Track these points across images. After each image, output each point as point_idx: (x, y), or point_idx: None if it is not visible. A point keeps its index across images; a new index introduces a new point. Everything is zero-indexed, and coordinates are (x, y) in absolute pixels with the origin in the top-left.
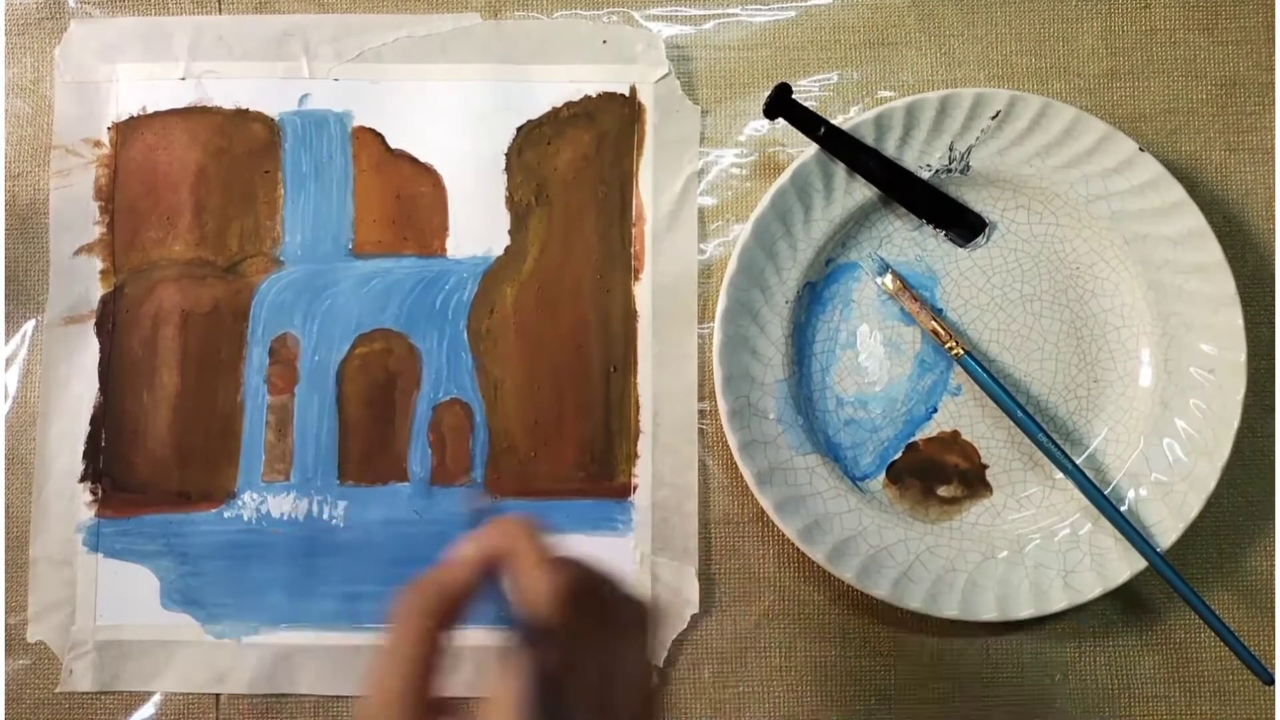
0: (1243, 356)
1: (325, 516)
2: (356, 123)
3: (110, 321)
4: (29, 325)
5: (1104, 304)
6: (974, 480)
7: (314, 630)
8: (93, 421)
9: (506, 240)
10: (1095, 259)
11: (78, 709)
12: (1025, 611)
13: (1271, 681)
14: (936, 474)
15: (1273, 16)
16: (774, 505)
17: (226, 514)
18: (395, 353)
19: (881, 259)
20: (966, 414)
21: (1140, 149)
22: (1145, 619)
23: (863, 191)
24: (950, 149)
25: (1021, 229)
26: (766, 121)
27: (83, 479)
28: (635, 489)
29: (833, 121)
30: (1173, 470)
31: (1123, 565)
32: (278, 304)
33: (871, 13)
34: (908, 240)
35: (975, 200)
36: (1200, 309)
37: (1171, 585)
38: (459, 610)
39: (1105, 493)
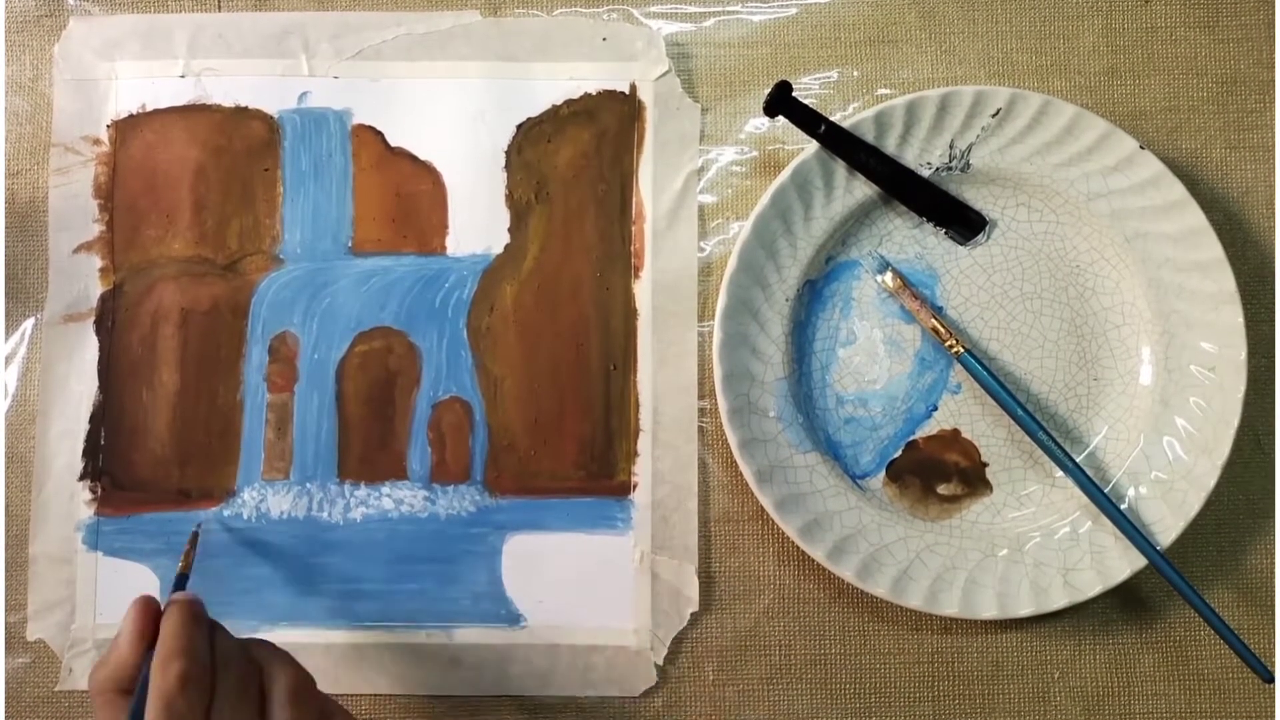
0: (1243, 354)
1: (325, 515)
2: (356, 120)
3: (110, 319)
4: (28, 323)
5: (1104, 302)
6: (974, 478)
7: (314, 628)
8: (92, 420)
9: (506, 238)
10: (1095, 257)
11: (77, 707)
12: (1025, 610)
13: (1271, 679)
14: (936, 472)
15: (1273, 14)
16: (774, 503)
17: (226, 512)
18: (395, 351)
19: (882, 257)
20: (966, 412)
21: (1141, 147)
22: (1145, 617)
23: (863, 189)
24: (951, 147)
25: (1022, 227)
26: (767, 119)
27: (82, 477)
28: (635, 487)
29: (833, 119)
30: (1173, 468)
31: (1123, 563)
32: (277, 302)
33: (872, 10)
34: (908, 238)
35: (975, 198)
36: (1200, 307)
37: (1171, 583)
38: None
39: (1105, 491)
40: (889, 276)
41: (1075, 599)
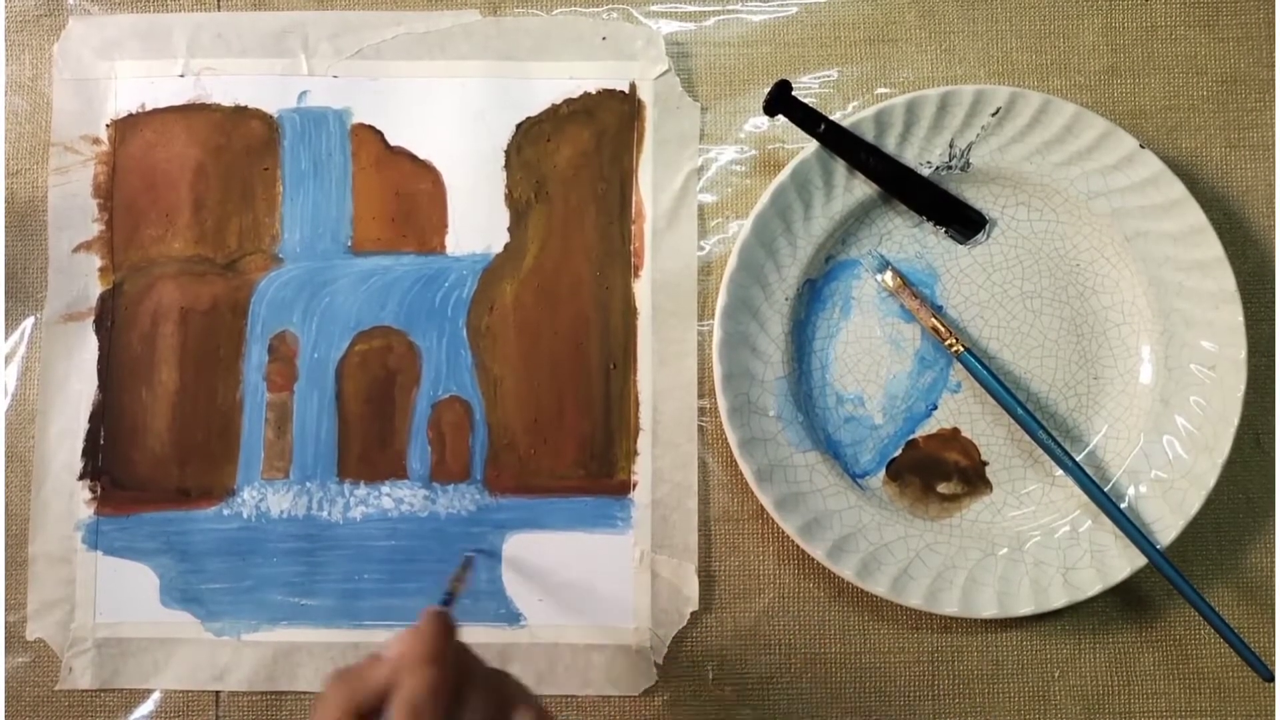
0: (1243, 353)
1: (325, 514)
2: (355, 120)
3: (109, 319)
4: (28, 322)
5: (1104, 301)
6: (974, 477)
7: (314, 627)
8: (92, 419)
9: (506, 237)
10: (1095, 256)
11: (77, 706)
12: (1025, 609)
13: (1271, 678)
14: (936, 471)
15: (1273, 13)
16: (774, 502)
17: (226, 511)
18: (395, 350)
19: (881, 256)
20: (966, 411)
21: (1141, 146)
22: (1145, 616)
23: (863, 188)
24: (951, 146)
25: (1022, 226)
26: (766, 118)
27: (82, 476)
28: (635, 486)
29: (833, 118)
30: (1173, 467)
31: (1123, 562)
32: (277, 301)
33: (872, 9)
34: (908, 237)
35: (975, 197)
36: (1201, 306)
37: (1171, 582)
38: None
39: (1105, 490)
40: (889, 275)
41: (1075, 598)
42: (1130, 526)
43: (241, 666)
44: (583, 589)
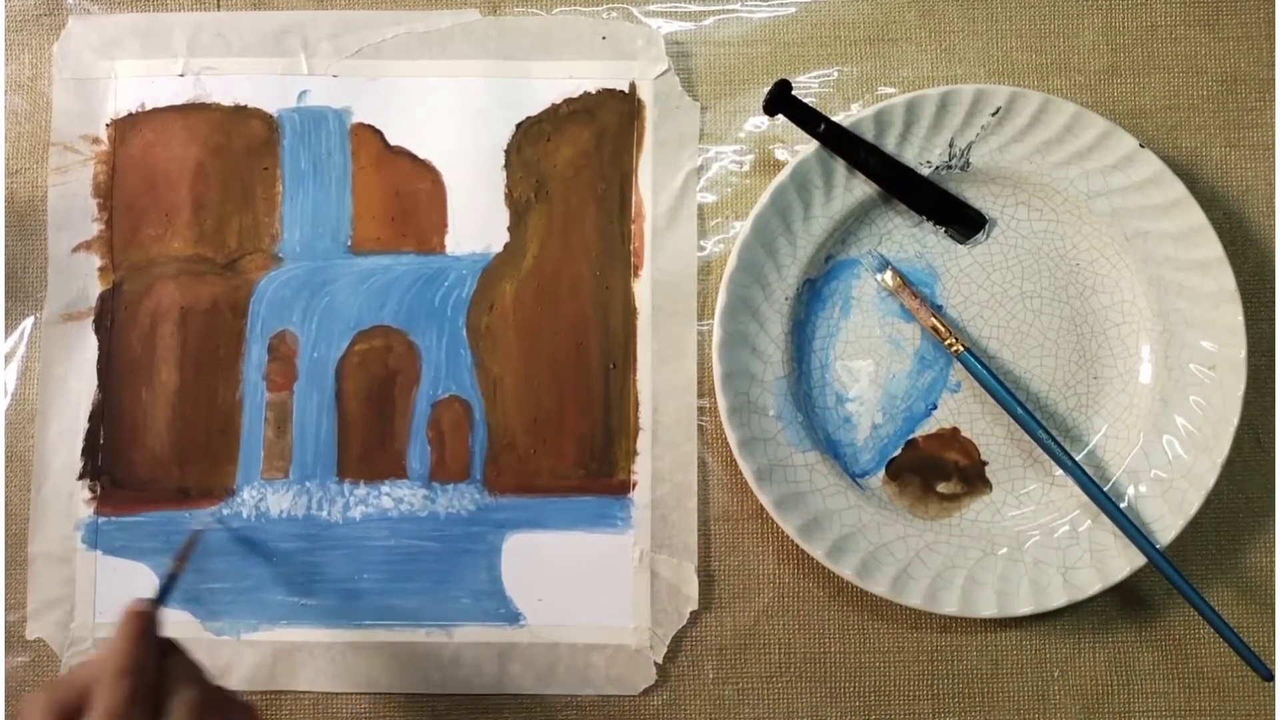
0: (1243, 353)
1: (324, 513)
2: (355, 119)
3: (109, 318)
4: (27, 322)
5: (1104, 300)
6: (973, 477)
7: (313, 627)
8: (91, 418)
9: (506, 237)
10: (1095, 255)
11: None
12: (1024, 608)
13: (1271, 678)
14: (936, 471)
15: (1273, 12)
16: (773, 502)
17: (226, 511)
18: (394, 349)
19: (881, 256)
20: (966, 411)
21: (1141, 145)
22: (1145, 616)
23: (863, 188)
24: (950, 145)
25: (1022, 225)
26: (766, 118)
27: (81, 476)
28: (635, 486)
29: (832, 118)
30: (1172, 467)
31: (1122, 562)
32: (277, 301)
33: (872, 8)
34: (908, 237)
35: (975, 197)
36: (1200, 305)
37: (1171, 582)
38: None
39: (1105, 489)
40: (889, 275)
41: (1075, 597)
42: (1130, 526)
43: (241, 666)
44: (582, 588)
